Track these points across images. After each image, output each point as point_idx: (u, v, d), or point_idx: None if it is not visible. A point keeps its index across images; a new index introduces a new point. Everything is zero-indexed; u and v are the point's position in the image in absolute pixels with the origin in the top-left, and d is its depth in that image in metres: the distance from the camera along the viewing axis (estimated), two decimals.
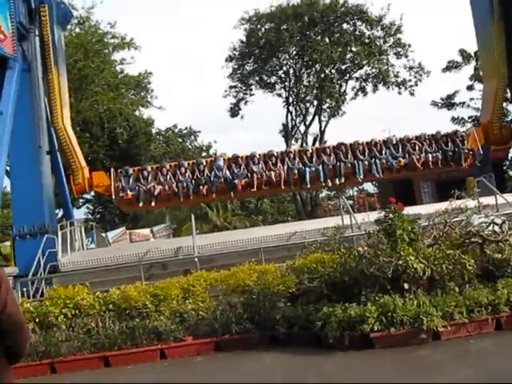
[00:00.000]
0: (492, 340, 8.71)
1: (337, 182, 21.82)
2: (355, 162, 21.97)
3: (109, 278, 14.67)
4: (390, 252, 9.30)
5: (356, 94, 44.94)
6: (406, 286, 9.18)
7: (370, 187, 49.86)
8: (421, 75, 43.64)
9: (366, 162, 22.03)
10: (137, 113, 43.68)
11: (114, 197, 21.94)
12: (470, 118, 43.35)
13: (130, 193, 21.51)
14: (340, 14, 42.15)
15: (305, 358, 9.03)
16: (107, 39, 38.89)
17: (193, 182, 21.50)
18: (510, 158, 39.17)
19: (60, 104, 22.46)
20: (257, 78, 45.24)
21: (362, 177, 22.19)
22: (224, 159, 22.63)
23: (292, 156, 22.04)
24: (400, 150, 22.53)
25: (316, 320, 9.29)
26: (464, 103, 43.17)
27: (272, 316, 10.01)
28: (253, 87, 45.95)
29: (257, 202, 57.65)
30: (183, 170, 21.72)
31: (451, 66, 42.72)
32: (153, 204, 21.87)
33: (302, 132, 46.39)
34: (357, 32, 42.92)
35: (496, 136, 24.33)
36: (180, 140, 51.26)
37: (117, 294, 11.07)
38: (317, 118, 45.46)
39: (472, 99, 42.70)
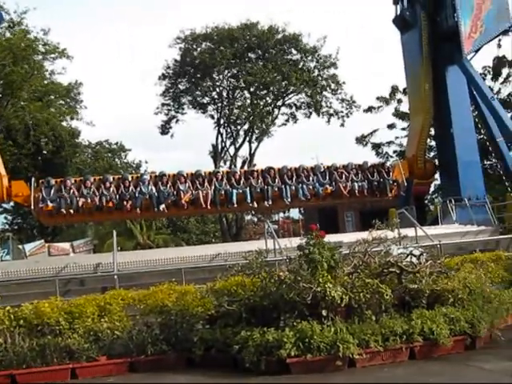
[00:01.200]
0: (405, 369, 8.86)
1: (265, 204, 22.01)
2: (283, 186, 22.23)
3: (22, 292, 14.06)
4: (309, 278, 9.36)
5: (287, 121, 45.72)
6: (324, 312, 9.24)
7: (295, 214, 50.54)
8: (352, 108, 44.92)
9: (293, 187, 22.33)
10: (64, 123, 42.67)
11: (33, 207, 21.15)
12: (394, 152, 44.88)
13: (50, 204, 20.77)
14: (276, 41, 42.85)
15: (220, 381, 8.90)
16: (38, 45, 37.93)
17: (117, 196, 21.04)
18: (431, 192, 40.76)
19: None
20: (189, 98, 45.27)
21: (289, 200, 22.41)
22: (151, 176, 22.35)
23: (220, 177, 22.05)
24: (327, 177, 22.99)
25: (233, 343, 9.21)
26: (390, 142, 44.67)
27: (189, 338, 9.86)
28: (185, 106, 45.97)
29: (183, 221, 57.23)
30: (108, 184, 21.25)
31: (372, 108, 44.13)
32: (74, 217, 21.25)
33: (232, 154, 46.62)
34: (291, 59, 43.72)
35: (420, 170, 25.34)
36: (109, 155, 50.54)
37: (29, 309, 10.58)
38: (247, 140, 45.86)
39: (397, 137, 44.28)
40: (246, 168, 44.96)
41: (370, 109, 44.21)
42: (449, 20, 24.98)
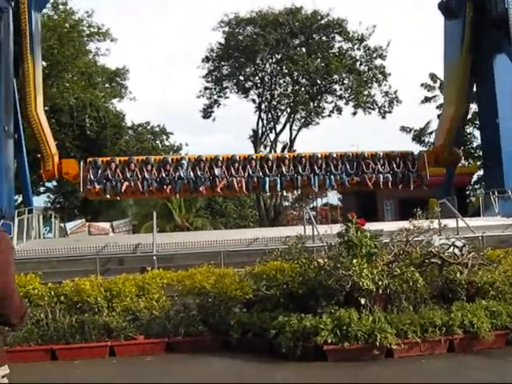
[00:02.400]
0: (443, 361, 8.74)
1: (295, 192, 22.73)
2: (311, 175, 22.56)
3: (64, 270, 14.34)
4: (349, 265, 9.26)
5: (332, 112, 45.23)
6: (362, 301, 9.14)
7: (334, 200, 50.25)
8: (394, 102, 44.19)
9: (322, 177, 22.65)
10: (109, 105, 43.15)
11: (82, 187, 22.06)
12: None
13: (97, 186, 21.92)
14: (320, 26, 42.34)
15: (255, 366, 8.92)
16: (82, 27, 38.32)
17: (158, 180, 21.79)
18: (473, 182, 40.05)
19: (34, 92, 22.19)
20: (232, 82, 45.13)
21: (316, 189, 23.60)
22: (189, 159, 22.78)
23: (253, 164, 22.40)
24: (355, 166, 23.31)
25: (270, 328, 9.19)
26: (431, 133, 43.83)
27: (226, 320, 9.89)
28: (227, 90, 45.84)
29: (221, 205, 57.52)
30: (150, 167, 21.92)
31: (428, 98, 43.24)
32: (118, 198, 23.44)
33: (272, 139, 46.45)
34: (335, 48, 43.20)
35: (446, 159, 25.08)
36: (151, 137, 50.93)
37: (70, 286, 10.77)
38: (288, 126, 45.59)
39: None
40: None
41: (426, 99, 43.39)
42: (498, 7, 24.29)
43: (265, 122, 45.99)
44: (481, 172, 36.01)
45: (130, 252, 16.43)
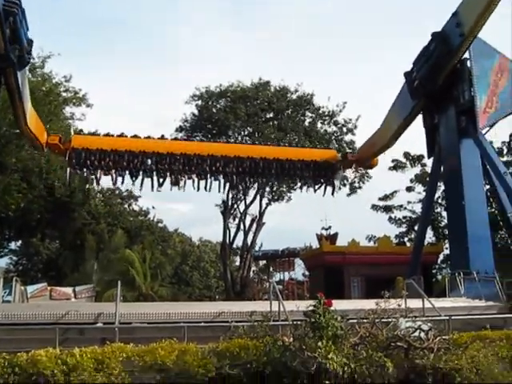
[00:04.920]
0: None
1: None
2: None
3: (21, 337, 13.84)
4: (314, 347, 9.13)
5: (301, 187, 45.58)
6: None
7: (300, 274, 50.24)
8: (364, 178, 44.87)
9: None
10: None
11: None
12: (404, 218, 44.86)
13: None
14: (289, 101, 43.27)
15: None
16: (59, 91, 38.59)
17: None
18: (439, 261, 40.46)
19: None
20: None
21: None
22: None
23: None
24: None
25: None
26: (401, 206, 44.75)
27: None
28: None
29: (187, 274, 57.13)
30: None
31: (397, 166, 44.32)
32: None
33: (242, 211, 46.49)
34: (306, 124, 44.03)
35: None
36: (120, 202, 50.98)
37: (25, 357, 10.37)
38: (258, 199, 45.78)
39: (409, 202, 44.38)
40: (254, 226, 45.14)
41: (395, 167, 44.33)
42: (465, 94, 25.22)
43: (235, 193, 46.14)
44: (447, 251, 36.44)
45: (91, 321, 15.95)
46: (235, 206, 46.60)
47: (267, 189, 45.44)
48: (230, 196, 45.61)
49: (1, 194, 33.55)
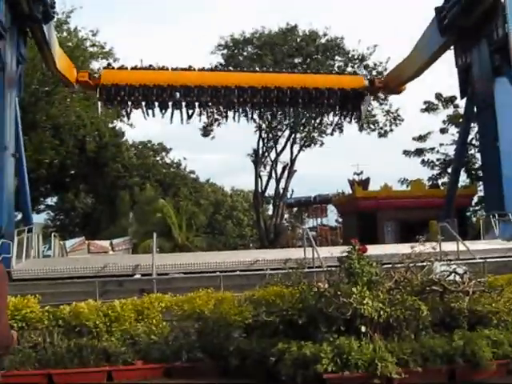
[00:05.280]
0: None
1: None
2: None
3: (62, 291, 14.26)
4: (349, 293, 9.18)
5: (333, 130, 45.28)
6: (363, 328, 9.06)
7: (333, 221, 50.31)
8: (396, 121, 44.20)
9: None
10: (110, 124, 43.50)
11: None
12: (437, 160, 44.27)
13: None
14: (317, 46, 42.46)
15: None
16: (86, 46, 38.58)
17: None
18: (473, 204, 40.03)
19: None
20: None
21: None
22: None
23: None
24: None
25: (270, 355, 9.10)
26: (433, 149, 44.04)
27: (226, 346, 9.79)
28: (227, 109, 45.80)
29: (221, 223, 57.68)
30: None
31: (429, 108, 43.49)
32: None
33: (273, 159, 46.44)
34: (335, 68, 43.27)
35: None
36: (152, 154, 51.52)
37: (68, 310, 10.70)
38: (289, 146, 45.61)
39: (442, 145, 43.67)
40: (286, 173, 45.05)
41: (427, 108, 43.58)
42: (499, 31, 24.39)
43: (265, 141, 46.02)
44: (481, 193, 36.03)
45: (129, 273, 16.34)
46: (266, 154, 46.55)
47: (298, 135, 45.19)
48: (261, 144, 45.58)
49: (33, 152, 33.98)
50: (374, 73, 43.05)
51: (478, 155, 35.77)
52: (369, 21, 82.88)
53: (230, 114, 29.32)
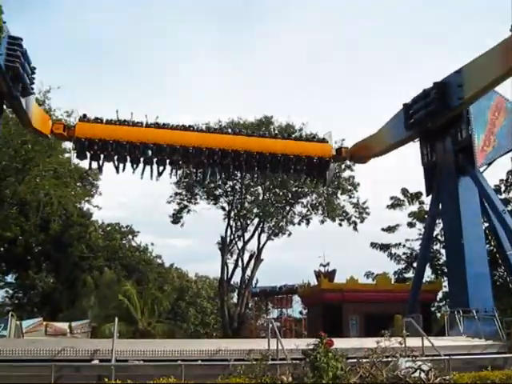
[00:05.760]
0: None
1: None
2: None
3: (16, 374, 13.67)
4: None
5: (300, 221, 45.78)
6: None
7: (297, 312, 49.92)
8: (363, 213, 44.94)
9: None
10: (77, 204, 43.42)
11: None
12: (403, 254, 44.86)
13: None
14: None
15: None
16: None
17: None
18: (438, 299, 40.26)
19: None
20: (203, 188, 45.47)
21: None
22: None
23: None
24: None
25: None
26: (399, 244, 44.75)
27: None
28: (198, 196, 46.19)
29: (183, 310, 56.72)
30: None
31: (395, 204, 44.46)
32: None
33: (240, 247, 46.40)
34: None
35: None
36: (119, 237, 51.26)
37: None
38: (256, 235, 45.76)
39: (407, 240, 44.43)
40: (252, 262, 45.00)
41: (393, 205, 44.48)
42: (463, 132, 25.45)
43: (233, 229, 46.16)
44: (446, 289, 36.28)
45: (87, 358, 15.76)
46: (234, 242, 46.57)
47: (266, 224, 45.45)
48: (229, 232, 45.66)
49: None
50: (343, 166, 44.08)
51: (443, 251, 36.30)
52: (341, 117, 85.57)
53: (200, 172, 29.64)
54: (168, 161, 27.76)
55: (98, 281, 42.79)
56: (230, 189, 45.71)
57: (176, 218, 46.39)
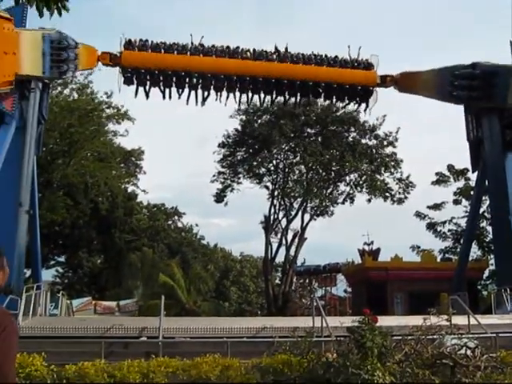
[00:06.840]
0: None
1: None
2: None
3: (68, 350, 14.11)
4: (359, 364, 9.05)
5: (344, 200, 45.46)
6: None
7: (341, 290, 49.89)
8: (408, 188, 44.33)
9: None
10: (122, 186, 44.14)
11: None
12: (449, 231, 44.06)
13: None
14: (334, 118, 43.08)
15: None
16: (103, 108, 39.41)
17: None
18: (485, 277, 39.60)
19: None
20: (246, 167, 45.53)
21: None
22: None
23: None
24: None
25: None
26: (445, 222, 43.87)
27: None
28: (241, 176, 46.25)
29: (228, 289, 57.38)
30: None
31: (440, 180, 43.62)
32: None
33: (283, 226, 46.43)
34: (349, 139, 43.84)
35: None
36: (164, 218, 51.91)
37: (73, 370, 10.58)
38: (300, 214, 45.69)
39: (453, 218, 43.59)
40: (296, 241, 45.01)
41: (438, 181, 43.70)
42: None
43: (277, 208, 46.17)
44: (493, 267, 35.69)
45: (135, 335, 16.17)
46: (277, 221, 46.63)
47: (309, 204, 45.35)
48: (273, 211, 45.72)
49: (46, 210, 34.34)
50: (385, 142, 43.56)
51: (490, 228, 35.60)
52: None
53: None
54: (212, 87, 28.21)
55: (142, 260, 43.57)
56: (273, 168, 45.73)
57: (219, 197, 46.55)
